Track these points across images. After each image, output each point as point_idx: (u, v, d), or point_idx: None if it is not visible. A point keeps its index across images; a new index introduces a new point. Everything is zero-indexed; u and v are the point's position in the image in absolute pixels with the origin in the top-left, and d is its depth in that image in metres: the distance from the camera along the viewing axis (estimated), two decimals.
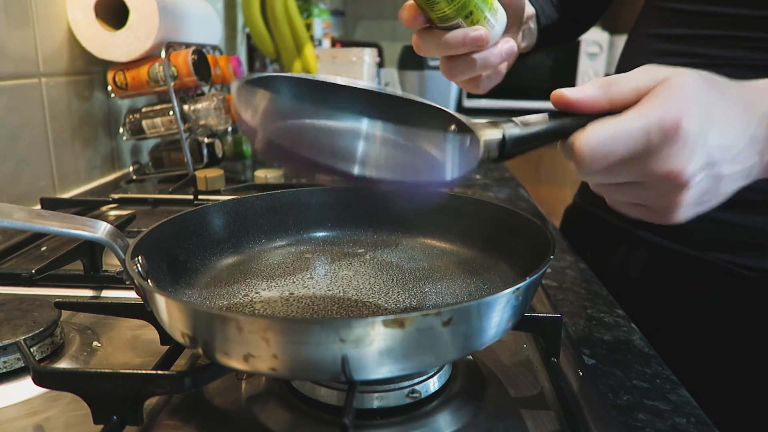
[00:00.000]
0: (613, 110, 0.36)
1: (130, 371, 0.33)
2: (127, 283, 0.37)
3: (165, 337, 0.42)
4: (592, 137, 0.35)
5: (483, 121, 0.40)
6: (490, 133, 0.39)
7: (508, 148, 0.39)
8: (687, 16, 0.63)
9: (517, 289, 0.32)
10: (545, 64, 2.09)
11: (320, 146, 0.40)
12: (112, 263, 0.59)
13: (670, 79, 0.36)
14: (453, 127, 0.41)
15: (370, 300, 0.42)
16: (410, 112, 0.42)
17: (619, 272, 0.71)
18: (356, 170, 0.37)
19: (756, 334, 0.63)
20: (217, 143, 1.02)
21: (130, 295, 0.53)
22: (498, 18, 0.50)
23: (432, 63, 1.46)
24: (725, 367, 0.64)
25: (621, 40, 1.18)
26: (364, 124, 0.42)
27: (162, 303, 0.32)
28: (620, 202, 0.40)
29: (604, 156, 0.35)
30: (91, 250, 0.56)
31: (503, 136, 0.39)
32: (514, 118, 0.40)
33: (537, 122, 0.39)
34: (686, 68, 0.38)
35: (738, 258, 0.62)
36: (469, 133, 0.40)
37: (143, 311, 0.39)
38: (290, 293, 0.43)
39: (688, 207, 0.37)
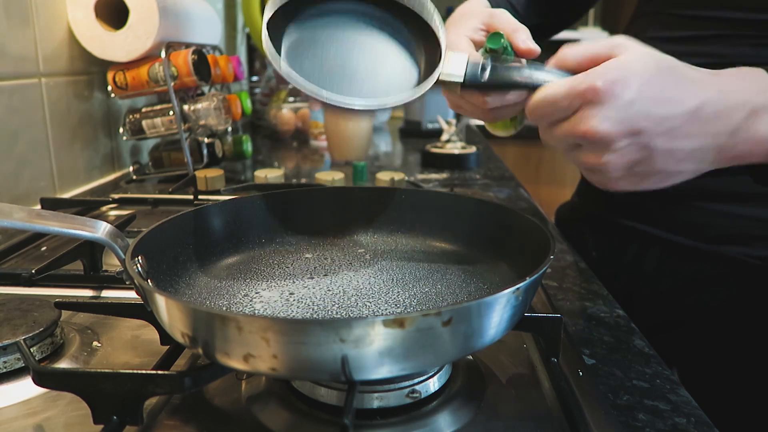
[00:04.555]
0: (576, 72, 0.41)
1: (130, 371, 0.33)
2: (127, 283, 0.37)
3: (165, 337, 0.42)
4: (532, 100, 0.41)
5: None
6: (452, 70, 0.44)
7: (467, 86, 0.44)
8: (689, 21, 0.64)
9: (517, 289, 0.32)
10: None
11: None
12: (112, 263, 0.58)
13: (620, 55, 0.39)
14: (441, 49, 0.45)
15: (370, 300, 0.42)
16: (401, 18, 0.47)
17: (631, 270, 0.71)
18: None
19: None
20: (217, 143, 1.02)
21: (130, 295, 0.53)
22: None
23: None
24: (741, 359, 0.65)
25: None
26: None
27: (162, 303, 0.32)
28: (578, 165, 0.44)
29: (539, 115, 0.41)
30: (91, 250, 0.56)
31: (464, 79, 0.44)
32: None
33: (507, 76, 0.44)
34: (650, 48, 0.40)
35: (753, 250, 0.63)
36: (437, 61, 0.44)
37: (143, 311, 0.39)
38: (290, 293, 0.43)
39: (618, 172, 0.40)
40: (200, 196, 0.82)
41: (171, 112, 0.94)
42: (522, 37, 0.48)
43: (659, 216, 0.68)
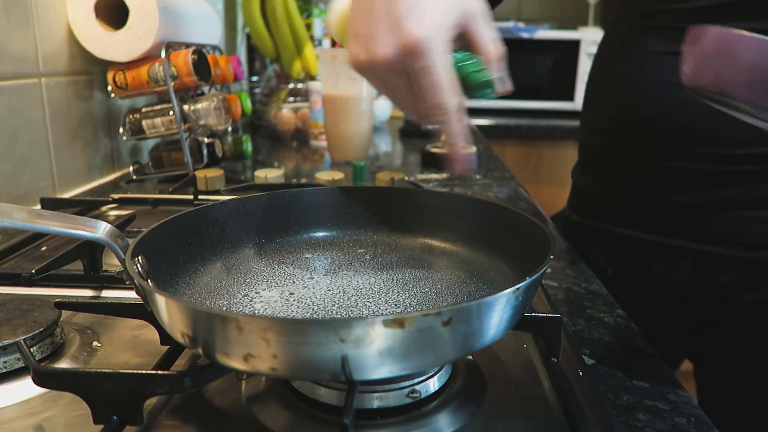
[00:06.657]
0: None
1: (130, 371, 0.33)
2: (127, 283, 0.37)
3: (165, 337, 0.42)
4: None
5: None
6: None
7: None
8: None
9: (517, 289, 0.32)
10: (545, 64, 2.09)
11: None
12: (112, 263, 0.58)
13: None
14: None
15: (370, 300, 0.42)
16: None
17: (660, 284, 0.70)
18: None
19: None
20: (217, 143, 1.02)
21: (130, 295, 0.53)
22: None
23: None
24: None
25: None
26: None
27: (162, 303, 0.32)
28: None
29: None
30: (91, 250, 0.56)
31: None
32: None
33: None
34: None
35: None
36: None
37: (143, 311, 0.39)
38: (290, 293, 0.43)
39: None
40: (200, 196, 0.82)
41: (171, 112, 0.94)
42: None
43: (686, 228, 0.67)
